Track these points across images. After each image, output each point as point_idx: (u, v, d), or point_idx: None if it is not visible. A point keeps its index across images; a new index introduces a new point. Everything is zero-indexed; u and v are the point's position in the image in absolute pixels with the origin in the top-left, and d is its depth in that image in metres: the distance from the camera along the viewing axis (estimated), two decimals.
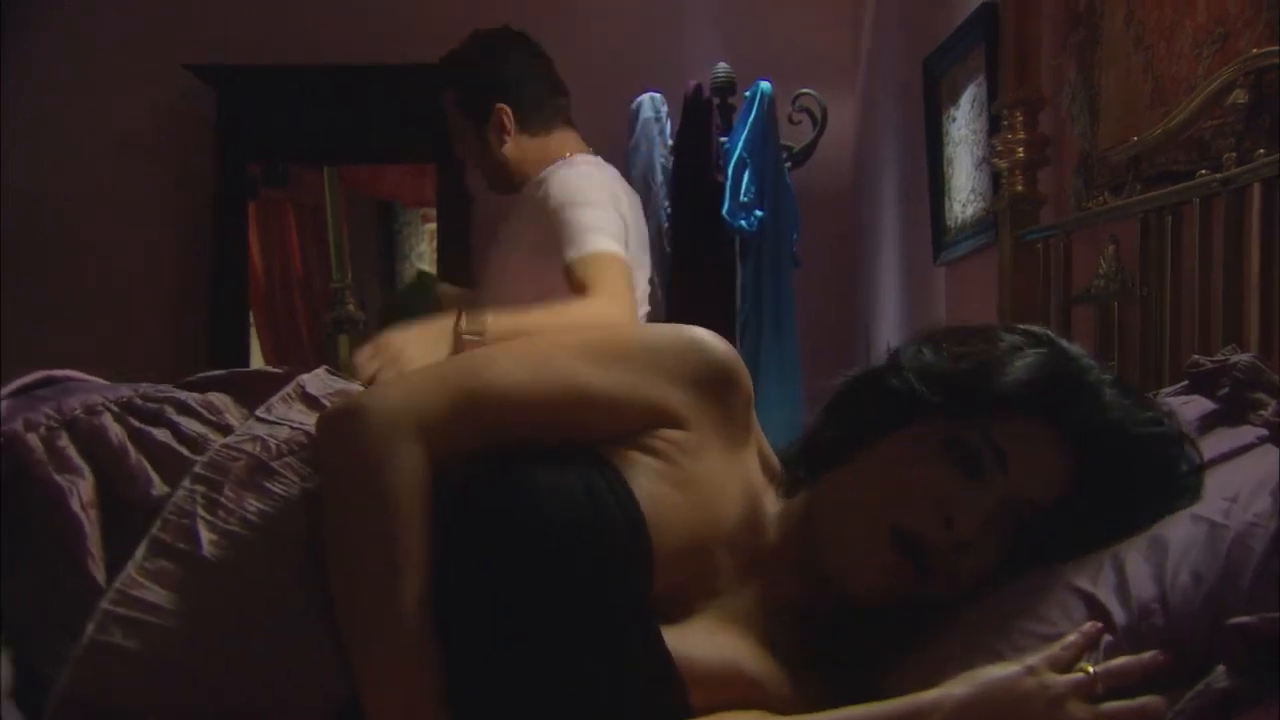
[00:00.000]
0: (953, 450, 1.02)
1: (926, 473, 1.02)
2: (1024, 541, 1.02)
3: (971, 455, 1.01)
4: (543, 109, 2.52)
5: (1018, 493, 1.01)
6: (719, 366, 1.10)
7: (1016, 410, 1.02)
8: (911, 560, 1.01)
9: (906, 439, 1.05)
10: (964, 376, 1.05)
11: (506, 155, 2.50)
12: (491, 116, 2.48)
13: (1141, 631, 0.92)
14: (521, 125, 2.50)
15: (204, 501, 1.03)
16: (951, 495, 1.01)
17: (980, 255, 2.93)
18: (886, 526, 1.01)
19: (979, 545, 1.01)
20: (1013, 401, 1.02)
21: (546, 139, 2.52)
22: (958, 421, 1.03)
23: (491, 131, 2.49)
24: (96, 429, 1.09)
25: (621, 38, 4.19)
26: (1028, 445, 1.02)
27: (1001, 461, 1.01)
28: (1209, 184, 1.66)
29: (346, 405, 1.06)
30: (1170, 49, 1.98)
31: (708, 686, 1.00)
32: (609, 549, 0.98)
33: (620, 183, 2.55)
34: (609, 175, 2.52)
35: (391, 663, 0.96)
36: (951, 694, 0.92)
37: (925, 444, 1.03)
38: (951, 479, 1.01)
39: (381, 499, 0.99)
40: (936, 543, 1.00)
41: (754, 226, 3.59)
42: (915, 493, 1.02)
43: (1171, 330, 1.81)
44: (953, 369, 1.06)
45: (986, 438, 1.02)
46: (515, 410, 1.05)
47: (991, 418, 1.02)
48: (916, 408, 1.05)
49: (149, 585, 0.99)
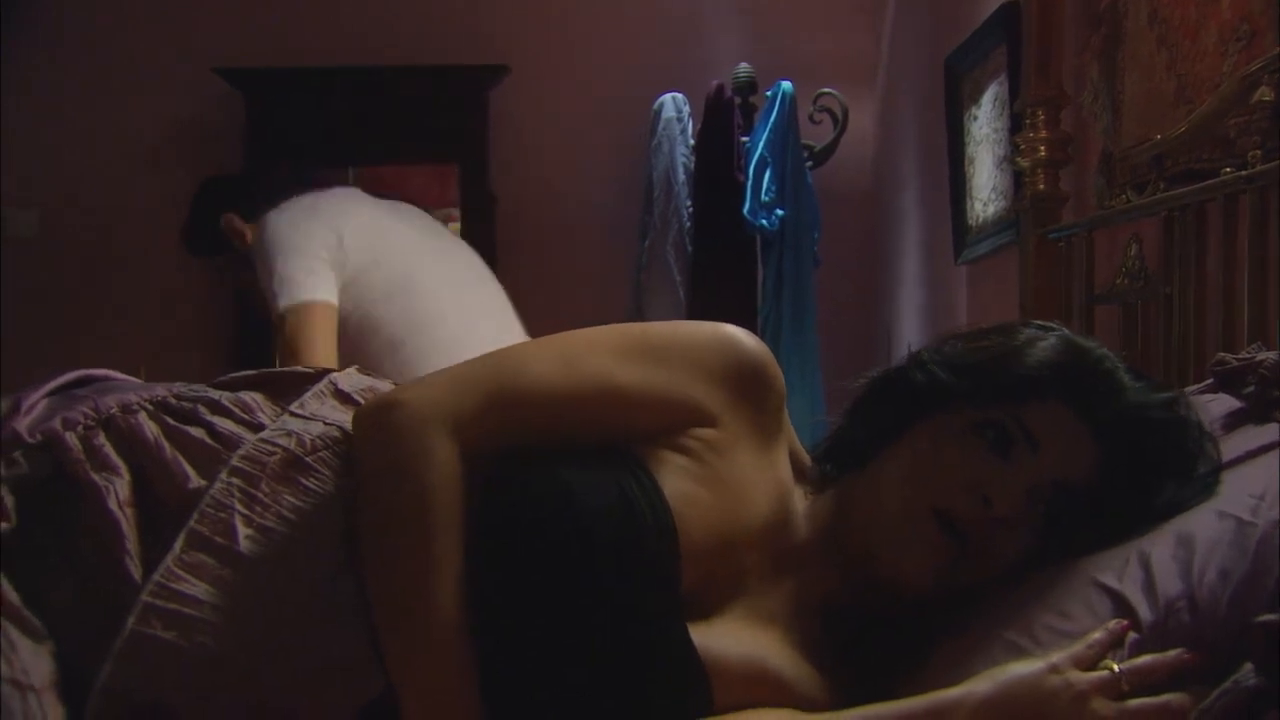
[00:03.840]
0: (982, 432, 1.03)
1: (959, 455, 1.03)
2: (1054, 527, 1.02)
3: (1002, 436, 1.03)
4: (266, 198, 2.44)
5: (1048, 474, 1.02)
6: (752, 365, 1.10)
7: (1042, 394, 1.03)
8: (954, 540, 1.01)
9: (934, 427, 1.06)
10: (989, 363, 1.07)
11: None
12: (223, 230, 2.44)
13: (1168, 629, 0.92)
14: (250, 218, 2.44)
15: (241, 496, 1.04)
16: (986, 475, 1.02)
17: (1002, 254, 2.92)
18: (927, 508, 1.02)
19: (1015, 525, 1.01)
20: (1038, 384, 1.04)
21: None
22: (985, 406, 1.04)
23: (235, 242, 2.45)
24: (133, 427, 1.10)
25: (644, 38, 4.20)
26: (1055, 428, 1.03)
27: (1032, 442, 1.02)
28: (1234, 181, 1.65)
29: (382, 400, 1.07)
30: (1195, 47, 1.97)
31: (733, 684, 1.00)
32: (638, 547, 0.99)
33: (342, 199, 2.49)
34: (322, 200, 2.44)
35: (426, 655, 0.97)
36: (975, 691, 0.92)
37: (954, 429, 1.05)
38: (984, 460, 1.02)
39: (415, 492, 1.00)
40: (976, 520, 1.01)
41: (775, 226, 3.60)
42: (950, 474, 1.03)
43: (1196, 329, 1.81)
44: (977, 358, 1.08)
45: (1016, 419, 1.03)
46: (547, 407, 1.06)
47: (1018, 401, 1.03)
48: (943, 397, 1.07)
49: (187, 578, 1.00)
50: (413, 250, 2.45)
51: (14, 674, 0.95)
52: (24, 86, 4.15)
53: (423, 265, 2.45)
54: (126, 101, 4.18)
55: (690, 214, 3.76)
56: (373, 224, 2.43)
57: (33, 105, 4.16)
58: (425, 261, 2.46)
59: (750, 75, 3.82)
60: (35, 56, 4.17)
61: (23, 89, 4.15)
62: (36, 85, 4.18)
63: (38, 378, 1.19)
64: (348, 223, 2.37)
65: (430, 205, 4.37)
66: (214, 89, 4.02)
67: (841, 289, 4.07)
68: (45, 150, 4.19)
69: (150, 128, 4.20)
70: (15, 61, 4.15)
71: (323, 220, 2.36)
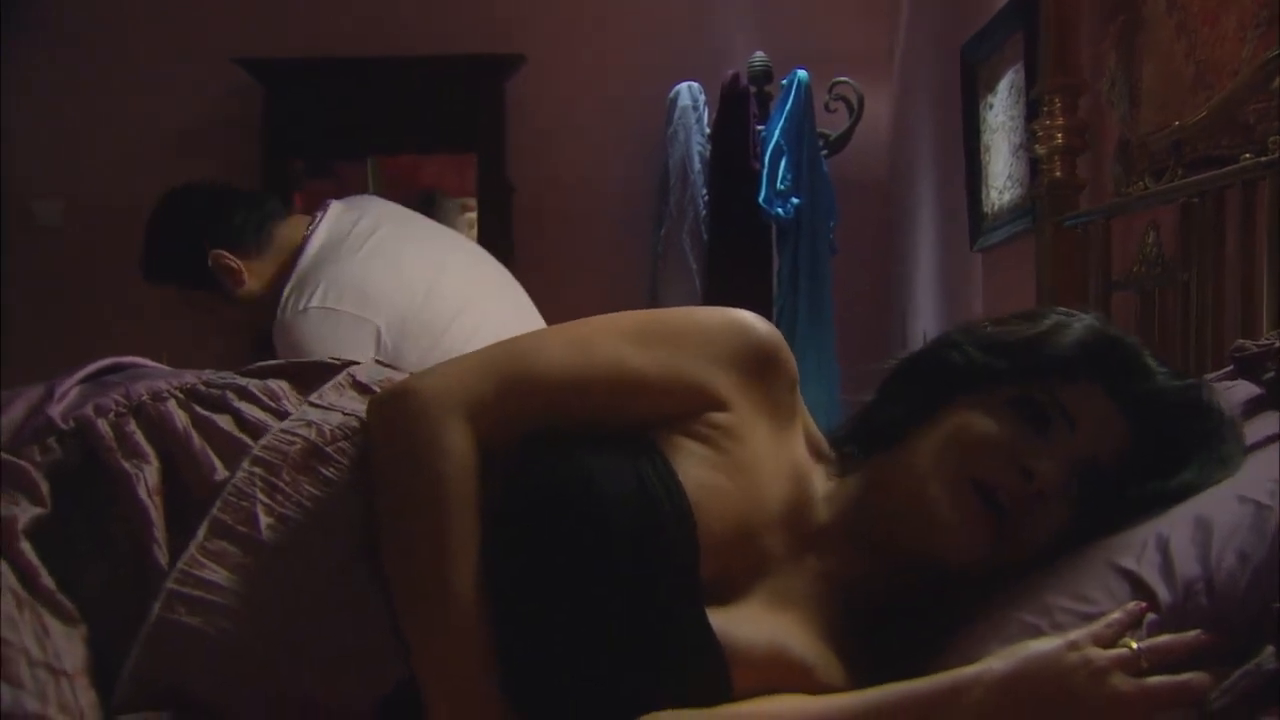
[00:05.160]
0: (1021, 409, 1.04)
1: (998, 429, 1.04)
2: (1084, 506, 1.03)
3: (1040, 413, 1.04)
4: (252, 226, 2.23)
5: (1084, 451, 1.03)
6: (763, 348, 1.11)
7: (1076, 374, 1.05)
8: (994, 512, 1.02)
9: (969, 404, 1.06)
10: (1024, 343, 1.08)
11: (251, 290, 2.23)
12: (213, 268, 2.20)
13: (1186, 611, 0.92)
14: (242, 255, 2.21)
15: (263, 485, 1.05)
16: (1026, 449, 1.02)
17: (1018, 241, 2.92)
18: (966, 480, 1.02)
19: (1051, 502, 1.02)
20: (1073, 364, 1.05)
21: (270, 250, 2.23)
22: (1021, 384, 1.05)
23: (226, 281, 2.21)
24: (163, 415, 1.11)
25: (659, 27, 4.20)
26: (1089, 407, 1.04)
27: (1069, 419, 1.03)
28: (1253, 168, 1.65)
29: (396, 388, 1.08)
30: (1214, 33, 1.97)
31: (753, 669, 1.01)
32: (656, 533, 0.99)
33: (360, 267, 2.17)
34: (343, 274, 2.14)
35: (445, 640, 0.98)
36: (993, 668, 0.92)
37: (991, 406, 1.05)
38: (1023, 434, 1.03)
39: (431, 478, 1.01)
40: (1016, 493, 1.01)
41: (790, 214, 3.60)
42: (990, 447, 1.03)
43: (1214, 315, 1.81)
44: (1012, 337, 1.09)
45: (1053, 397, 1.04)
46: (561, 392, 1.07)
47: (1054, 380, 1.05)
48: (977, 377, 1.07)
49: (210, 565, 1.01)
50: (450, 313, 2.20)
51: (47, 658, 0.96)
52: (47, 78, 4.19)
53: (459, 331, 2.19)
54: (147, 91, 4.21)
55: (706, 203, 3.76)
56: (405, 302, 2.15)
57: (56, 96, 4.20)
58: (463, 321, 2.21)
59: (766, 64, 3.81)
60: (58, 48, 4.20)
61: (46, 81, 4.19)
62: (59, 77, 4.21)
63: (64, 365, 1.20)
64: (380, 309, 2.12)
65: (448, 194, 4.42)
66: (233, 79, 4.04)
67: (857, 277, 4.07)
68: (68, 141, 4.23)
69: (170, 117, 4.23)
70: (39, 53, 4.19)
71: (354, 311, 2.11)
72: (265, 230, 2.23)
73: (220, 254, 2.19)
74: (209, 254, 2.19)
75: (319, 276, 2.13)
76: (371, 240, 2.21)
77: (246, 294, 2.23)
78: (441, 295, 2.18)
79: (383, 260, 2.18)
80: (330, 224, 2.23)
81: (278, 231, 2.24)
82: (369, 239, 2.20)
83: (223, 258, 2.19)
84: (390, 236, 2.24)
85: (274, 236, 2.23)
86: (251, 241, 2.21)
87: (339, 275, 2.13)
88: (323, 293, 2.11)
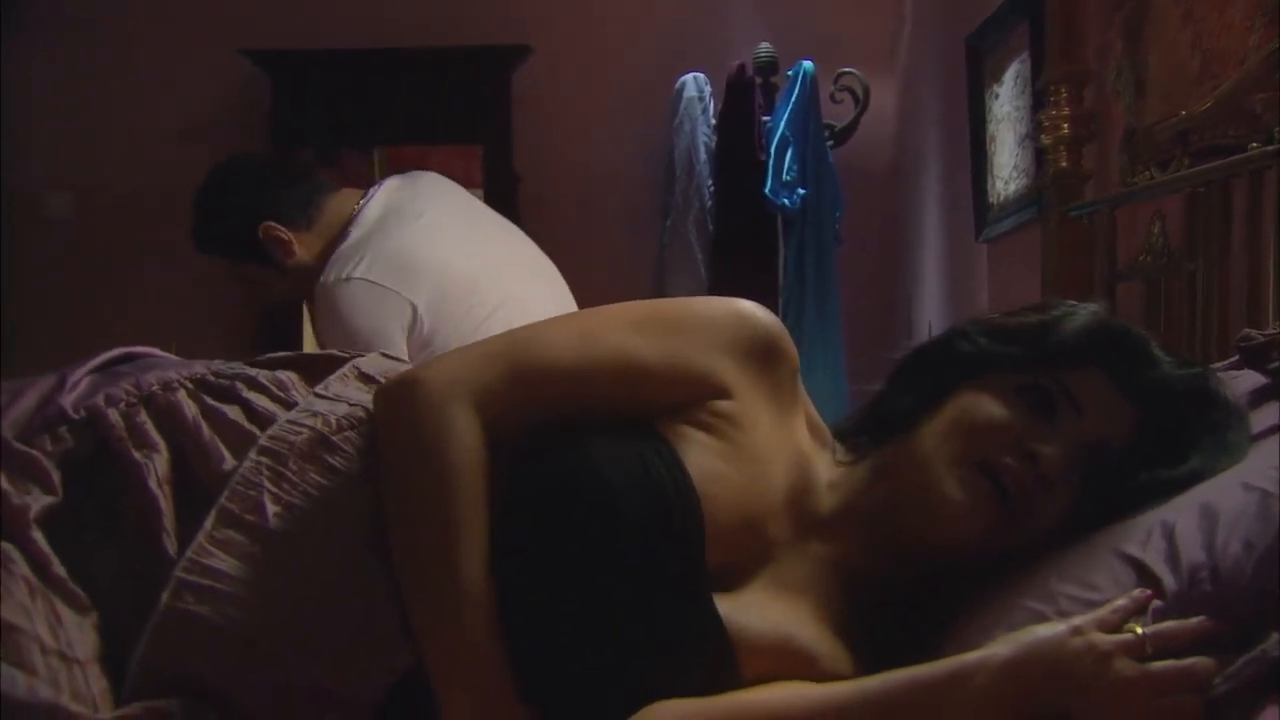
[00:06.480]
0: (1026, 394, 1.05)
1: (1005, 413, 1.05)
2: (1092, 491, 1.03)
3: (1046, 399, 1.05)
4: (301, 199, 2.24)
5: (1091, 437, 1.04)
6: (765, 336, 1.12)
7: (1082, 361, 1.06)
8: (999, 495, 1.02)
9: (978, 388, 1.07)
10: (1031, 330, 1.09)
11: (302, 261, 2.24)
12: (264, 240, 2.22)
13: (1191, 598, 0.92)
14: (293, 227, 2.23)
15: (270, 474, 1.05)
16: (1032, 432, 1.03)
17: (1023, 232, 2.92)
18: (973, 463, 1.03)
19: (1056, 486, 1.03)
20: (1079, 351, 1.06)
21: (320, 223, 2.25)
22: (1028, 371, 1.06)
23: (277, 252, 2.23)
24: (173, 405, 1.12)
25: (665, 18, 4.20)
26: (1095, 394, 1.05)
27: (1075, 405, 1.05)
28: (1259, 157, 1.65)
29: (402, 377, 1.08)
30: (1220, 23, 1.97)
31: (760, 656, 1.01)
32: (663, 521, 1.00)
33: (406, 240, 2.17)
34: (385, 246, 2.14)
35: (454, 627, 0.98)
36: (997, 653, 0.92)
37: (998, 392, 1.06)
38: (1030, 419, 1.04)
39: (439, 467, 1.01)
40: (1021, 476, 1.02)
41: (796, 205, 3.61)
42: (996, 430, 1.04)
43: (1220, 305, 1.81)
44: (1019, 326, 1.11)
45: (1060, 383, 1.05)
46: (566, 381, 1.07)
47: (1061, 367, 1.06)
48: (985, 364, 1.09)
49: (217, 553, 1.01)
50: (492, 304, 2.18)
51: (60, 646, 0.97)
52: (56, 71, 4.20)
53: (495, 324, 2.14)
54: (155, 83, 4.22)
55: (712, 193, 3.77)
56: (447, 285, 2.15)
57: (64, 88, 4.22)
58: (503, 315, 2.17)
59: (771, 55, 3.81)
60: (66, 40, 4.22)
61: (55, 73, 4.20)
62: (67, 69, 4.22)
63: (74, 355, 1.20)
64: (420, 289, 2.12)
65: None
66: (240, 70, 4.05)
67: (863, 267, 4.07)
68: (78, 133, 4.24)
69: (178, 108, 4.24)
70: (47, 46, 4.20)
71: (394, 286, 2.11)
72: (315, 203, 2.24)
73: (270, 226, 2.21)
74: (259, 226, 2.21)
75: (366, 248, 2.14)
76: (423, 219, 2.22)
77: (297, 265, 2.23)
78: (487, 285, 2.18)
79: (431, 241, 2.19)
80: (384, 198, 2.24)
81: (328, 204, 2.25)
82: (421, 218, 2.22)
83: (273, 229, 2.21)
84: (443, 217, 2.25)
85: (324, 209, 2.24)
86: (301, 214, 2.23)
87: (385, 249, 2.14)
88: (367, 264, 2.11)
